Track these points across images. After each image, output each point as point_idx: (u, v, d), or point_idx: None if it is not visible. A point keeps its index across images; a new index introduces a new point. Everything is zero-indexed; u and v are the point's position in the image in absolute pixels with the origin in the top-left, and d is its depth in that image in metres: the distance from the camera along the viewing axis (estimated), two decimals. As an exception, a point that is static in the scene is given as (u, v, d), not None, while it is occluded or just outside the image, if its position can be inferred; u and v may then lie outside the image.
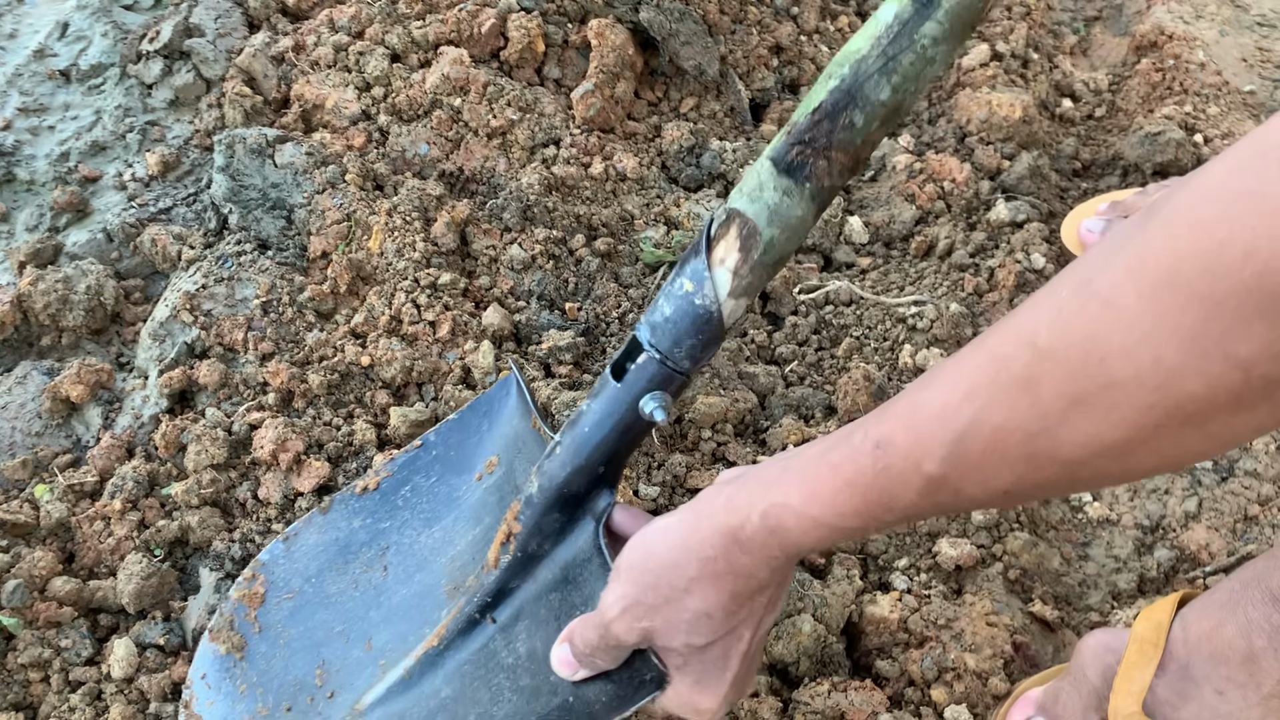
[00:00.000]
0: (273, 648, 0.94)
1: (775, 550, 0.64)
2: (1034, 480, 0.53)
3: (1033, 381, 0.49)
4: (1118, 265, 0.46)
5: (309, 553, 0.99)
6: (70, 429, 1.20)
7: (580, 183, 1.37)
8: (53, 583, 1.02)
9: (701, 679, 0.74)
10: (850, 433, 0.60)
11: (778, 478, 0.63)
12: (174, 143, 1.48)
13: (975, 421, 0.52)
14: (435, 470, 0.99)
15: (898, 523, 0.60)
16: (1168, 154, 1.39)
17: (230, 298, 1.24)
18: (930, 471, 0.55)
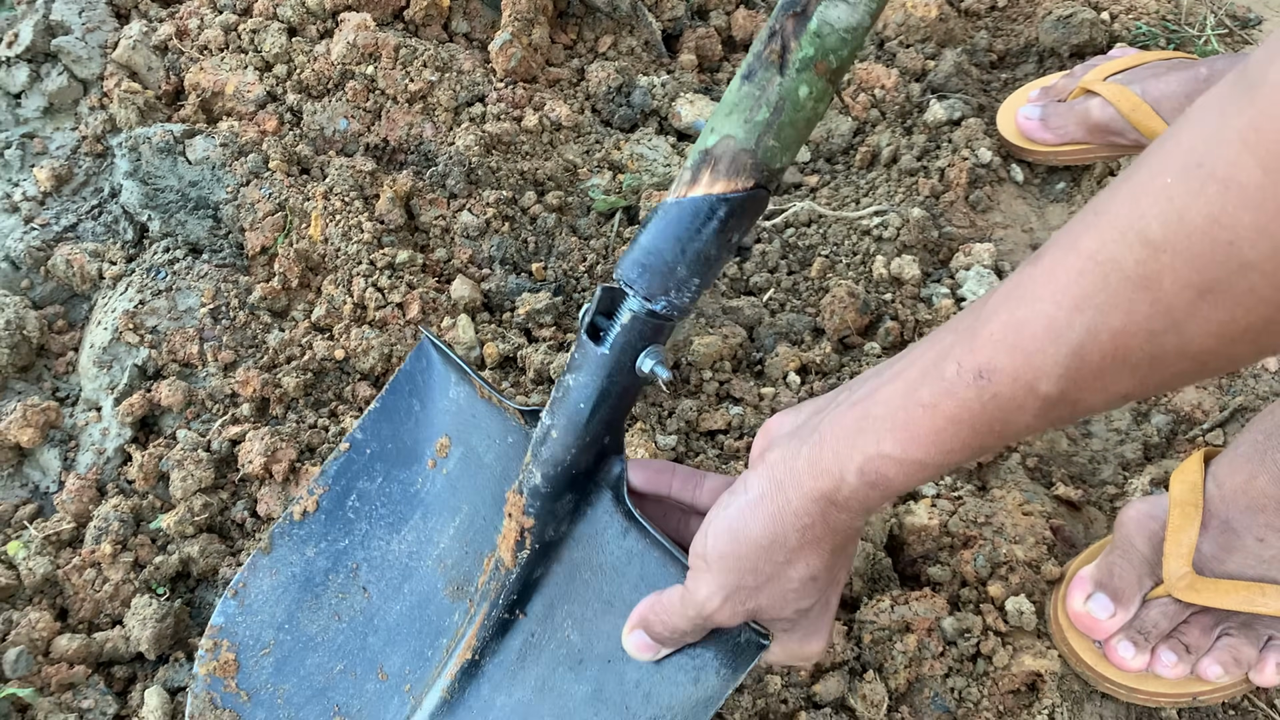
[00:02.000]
0: (271, 712, 0.86)
1: (875, 499, 0.62)
2: (1159, 379, 0.51)
3: (1151, 279, 0.47)
4: (1231, 139, 0.44)
5: (268, 599, 0.90)
6: (24, 477, 1.10)
7: (516, 138, 1.32)
8: (56, 643, 0.94)
9: (807, 633, 0.73)
10: (936, 364, 0.57)
11: (861, 427, 0.60)
12: (59, 154, 1.36)
13: (1091, 331, 0.50)
14: (378, 469, 0.90)
15: (1001, 445, 0.60)
16: (1082, 34, 1.42)
17: (174, 310, 1.15)
18: (1047, 391, 0.53)
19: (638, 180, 1.31)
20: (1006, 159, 1.35)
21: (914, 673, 0.93)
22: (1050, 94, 1.34)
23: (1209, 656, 0.89)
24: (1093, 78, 1.28)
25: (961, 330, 0.56)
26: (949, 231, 1.26)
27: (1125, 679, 0.91)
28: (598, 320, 0.72)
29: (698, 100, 1.42)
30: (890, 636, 0.93)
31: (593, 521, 0.80)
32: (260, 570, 0.90)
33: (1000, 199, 1.32)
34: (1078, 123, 1.28)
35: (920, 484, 0.62)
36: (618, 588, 0.79)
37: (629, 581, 0.78)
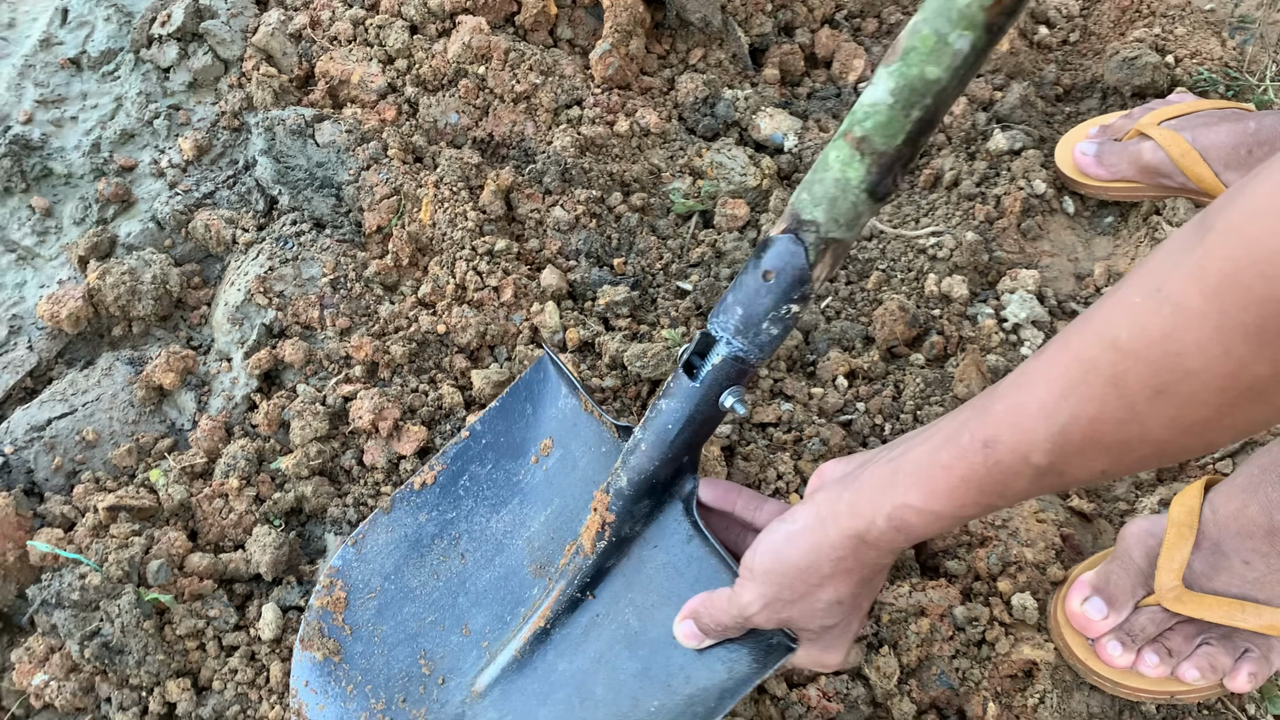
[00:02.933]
0: (369, 646, 1.01)
1: (900, 542, 0.75)
2: (1127, 460, 0.61)
3: (1119, 378, 0.58)
4: (1182, 272, 0.54)
5: (381, 552, 1.05)
6: (163, 414, 1.27)
7: (608, 141, 1.45)
8: (189, 559, 1.11)
9: (828, 645, 0.85)
10: (955, 433, 0.68)
11: (893, 480, 0.72)
12: (201, 126, 1.52)
13: (1074, 416, 0.60)
14: (489, 457, 1.06)
15: (1005, 505, 0.70)
16: (1145, 76, 1.51)
17: (299, 278, 1.31)
18: (1038, 463, 0.63)
19: (715, 187, 1.44)
20: (1060, 190, 1.45)
21: (924, 651, 1.05)
22: (1108, 132, 1.43)
23: (1188, 661, 1.01)
24: (1148, 121, 1.37)
25: (978, 407, 0.68)
26: (999, 256, 1.37)
27: (1111, 674, 1.02)
28: (693, 359, 0.86)
29: (777, 114, 1.53)
30: (906, 618, 1.06)
31: (663, 526, 0.94)
32: (378, 526, 1.07)
33: (1050, 228, 1.42)
34: (1130, 162, 1.38)
35: (937, 533, 0.73)
36: (676, 584, 0.92)
37: (686, 580, 0.92)
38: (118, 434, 1.23)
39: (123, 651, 1.04)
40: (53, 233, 1.44)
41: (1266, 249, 0.50)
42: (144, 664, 1.04)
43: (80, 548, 1.10)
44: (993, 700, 1.02)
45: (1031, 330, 1.30)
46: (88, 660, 1.03)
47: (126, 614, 1.04)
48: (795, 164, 1.50)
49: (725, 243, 1.38)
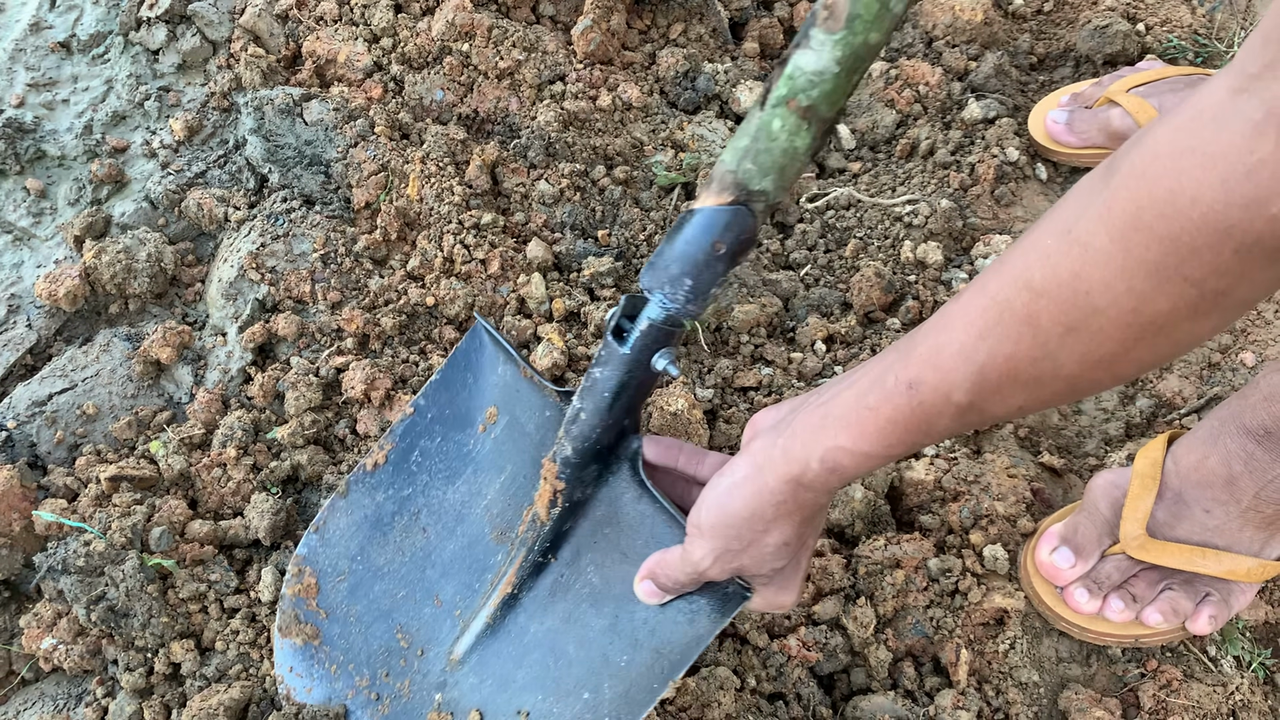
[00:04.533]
0: (346, 626, 1.05)
1: (835, 482, 0.78)
2: (1042, 396, 0.65)
3: (1032, 317, 0.61)
4: (1090, 215, 0.58)
5: (344, 535, 1.08)
6: (161, 388, 1.30)
7: (591, 116, 1.48)
8: (190, 526, 1.14)
9: (783, 584, 0.88)
10: (880, 376, 0.72)
11: (823, 424, 0.75)
12: (191, 107, 1.55)
13: (991, 355, 0.64)
14: (437, 431, 1.07)
15: (932, 441, 0.74)
16: (1116, 45, 1.54)
17: (290, 253, 1.34)
18: (959, 401, 0.67)
19: (697, 159, 1.47)
20: (1033, 158, 1.49)
21: (900, 602, 1.09)
22: (1079, 100, 1.47)
23: (1152, 606, 1.05)
24: (1117, 89, 1.41)
25: (900, 350, 0.71)
26: (973, 222, 1.41)
27: (1079, 620, 1.07)
28: (622, 323, 0.88)
29: (757, 87, 1.56)
30: (882, 570, 1.10)
31: (613, 487, 0.96)
32: (338, 511, 1.09)
33: (1023, 195, 1.46)
34: (1099, 129, 1.41)
35: (868, 471, 0.76)
36: (631, 542, 0.95)
37: (640, 538, 0.95)
38: (117, 408, 1.27)
39: (128, 615, 1.08)
40: (48, 214, 1.47)
41: (1165, 189, 0.53)
42: (148, 626, 1.08)
43: (84, 517, 1.13)
44: (965, 647, 1.07)
45: (1004, 294, 1.34)
46: (94, 624, 1.07)
47: (130, 579, 1.07)
48: (775, 136, 1.53)
49: (706, 213, 1.41)
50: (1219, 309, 0.56)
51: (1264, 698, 1.07)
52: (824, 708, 1.07)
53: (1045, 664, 1.08)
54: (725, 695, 1.04)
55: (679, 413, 1.17)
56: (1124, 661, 1.09)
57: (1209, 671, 1.08)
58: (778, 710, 1.06)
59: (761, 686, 1.08)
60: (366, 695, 1.03)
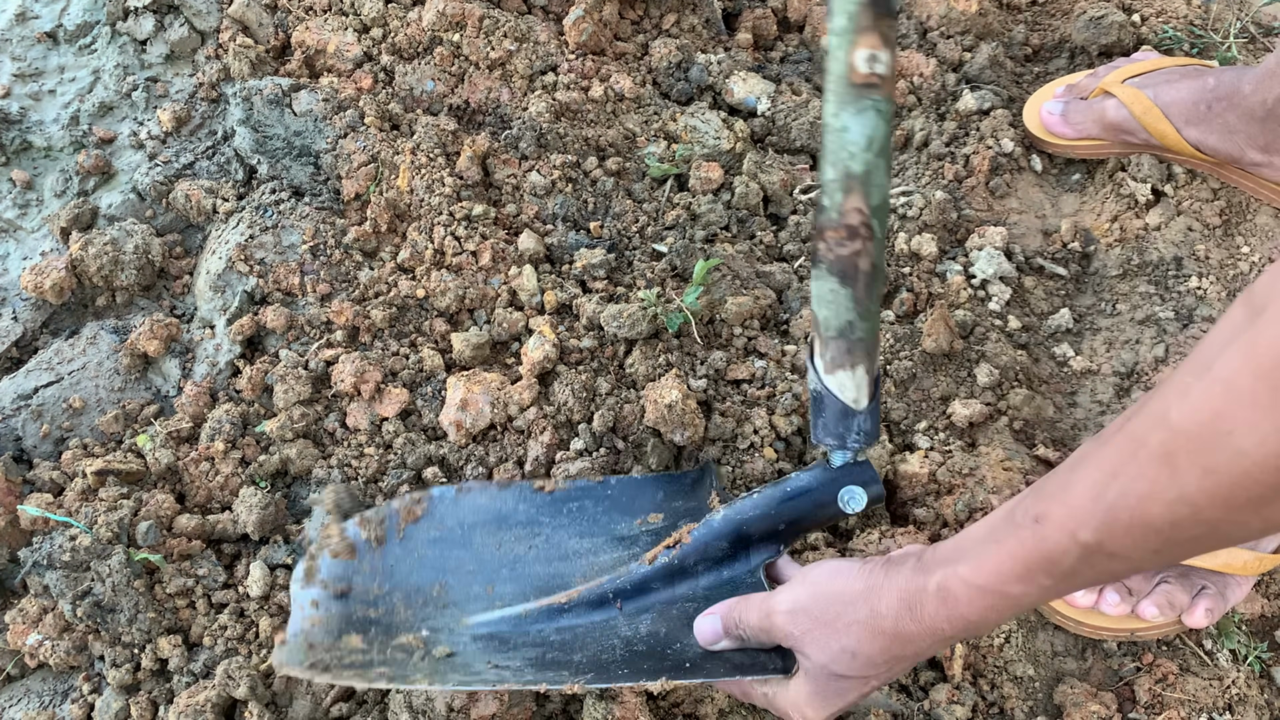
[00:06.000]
0: (406, 554, 1.06)
1: (943, 622, 0.74)
2: (1181, 540, 0.61)
3: (1169, 456, 0.58)
4: (1233, 352, 0.55)
5: (472, 508, 1.11)
6: (149, 381, 1.29)
7: (583, 106, 1.47)
8: (177, 521, 1.13)
9: (817, 694, 0.85)
10: (1011, 510, 0.70)
11: (951, 556, 0.74)
12: (179, 97, 1.53)
13: (1122, 494, 0.61)
14: (604, 505, 1.11)
15: (1059, 587, 0.69)
16: (1111, 35, 1.53)
17: (279, 245, 1.32)
18: (1085, 540, 0.64)
19: (689, 150, 1.46)
20: (1028, 149, 1.48)
21: (894, 596, 1.09)
22: (1073, 91, 1.46)
23: (1147, 599, 1.04)
24: (1112, 79, 1.40)
25: (1036, 486, 0.70)
26: (968, 214, 1.40)
27: (1074, 613, 1.06)
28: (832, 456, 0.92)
29: (750, 78, 1.55)
30: (876, 564, 1.09)
31: (719, 576, 0.97)
32: (486, 491, 1.12)
33: (1018, 186, 1.45)
34: (1094, 120, 1.40)
35: (981, 617, 0.72)
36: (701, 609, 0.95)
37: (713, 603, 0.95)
38: (104, 401, 1.25)
39: (114, 610, 1.06)
40: (34, 205, 1.46)
41: None
42: (135, 622, 1.07)
43: (70, 511, 1.12)
44: (960, 641, 1.06)
45: (999, 286, 1.33)
46: (80, 619, 1.06)
47: (117, 573, 1.06)
48: (768, 127, 1.52)
49: (700, 205, 1.40)
50: None
51: (1260, 691, 1.07)
52: (818, 702, 1.06)
53: (1040, 658, 1.08)
54: (717, 693, 1.03)
55: (673, 404, 1.16)
56: (1119, 655, 1.09)
57: (1205, 665, 1.07)
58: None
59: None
60: (372, 596, 1.03)
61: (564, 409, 1.19)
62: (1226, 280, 1.31)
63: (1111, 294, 1.34)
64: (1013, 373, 1.24)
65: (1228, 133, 1.30)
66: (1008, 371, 1.24)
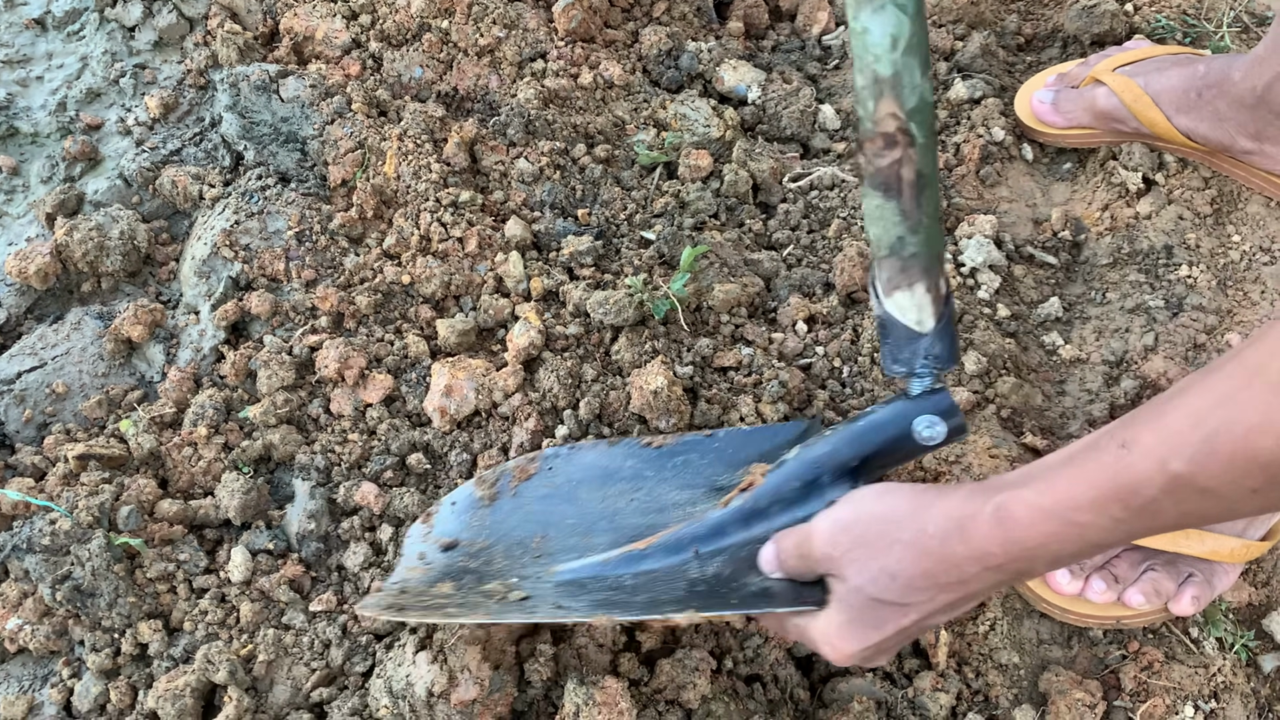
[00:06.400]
0: (515, 510, 1.09)
1: (995, 546, 0.67)
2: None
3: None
4: None
5: (582, 465, 1.12)
6: (133, 367, 1.28)
7: (572, 93, 1.46)
8: (159, 505, 1.13)
9: (852, 623, 0.78)
10: (1096, 438, 0.64)
11: (1017, 480, 0.68)
12: (167, 84, 1.53)
13: (1228, 422, 0.55)
14: (710, 457, 1.10)
15: (1134, 523, 0.62)
16: (1104, 24, 1.52)
17: (264, 231, 1.32)
18: (1176, 470, 0.58)
19: (679, 138, 1.45)
20: (1020, 138, 1.47)
21: (879, 583, 1.08)
22: (1065, 80, 1.45)
23: (1134, 587, 1.04)
24: (1103, 68, 1.39)
25: (1126, 416, 0.64)
26: (957, 202, 1.39)
27: (1060, 601, 1.05)
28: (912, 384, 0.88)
29: (741, 66, 1.54)
30: (861, 551, 1.08)
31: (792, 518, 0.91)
32: (596, 449, 1.14)
33: (1009, 175, 1.44)
34: (1085, 109, 1.40)
35: (1040, 543, 0.65)
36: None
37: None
38: (88, 386, 1.25)
39: (94, 594, 1.06)
40: (20, 191, 1.45)
41: None
42: (115, 606, 1.06)
43: (51, 496, 1.11)
44: (945, 629, 1.05)
45: (988, 274, 1.32)
46: (60, 604, 1.05)
47: (97, 558, 1.06)
48: (758, 115, 1.52)
49: (689, 193, 1.39)
50: None
51: (1246, 679, 1.06)
52: (801, 690, 1.06)
53: (1026, 646, 1.07)
54: (701, 677, 1.02)
55: (659, 390, 1.15)
56: (1105, 643, 1.08)
57: (1191, 653, 1.06)
58: (754, 692, 1.05)
59: (739, 668, 1.06)
60: (476, 548, 1.06)
61: (549, 395, 1.19)
62: (1217, 269, 1.30)
63: (1101, 283, 1.34)
64: (1001, 361, 1.23)
65: (1218, 120, 1.29)
66: (996, 359, 1.23)
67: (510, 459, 1.16)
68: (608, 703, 0.97)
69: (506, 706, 1.00)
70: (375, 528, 1.14)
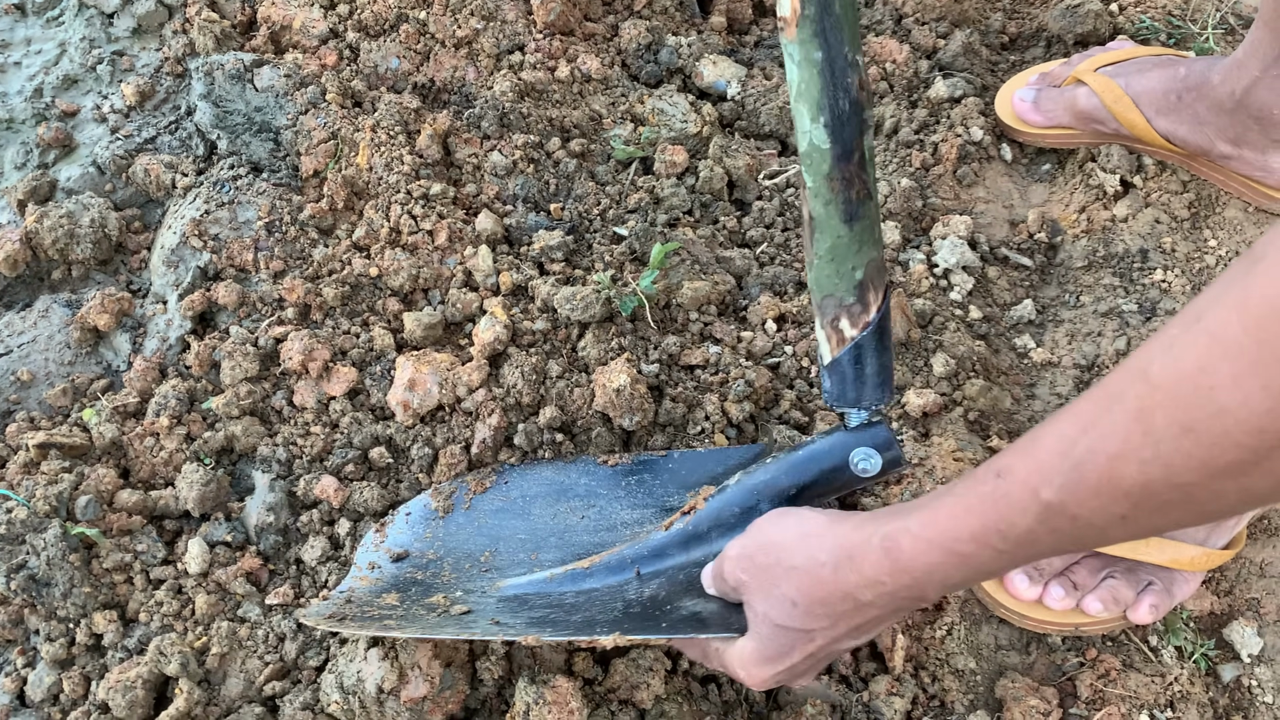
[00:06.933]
0: (468, 523, 1.10)
1: (884, 575, 0.69)
2: (1150, 507, 0.56)
3: (1145, 412, 0.53)
4: (1225, 303, 0.50)
5: (537, 481, 1.13)
6: (100, 356, 1.28)
7: (549, 87, 1.45)
8: (118, 495, 1.12)
9: (762, 649, 0.81)
10: (975, 469, 0.66)
11: (903, 510, 0.70)
12: (145, 72, 1.52)
13: (1091, 451, 0.56)
14: (663, 477, 1.11)
15: (1015, 553, 0.64)
16: (1087, 24, 1.51)
17: (234, 221, 1.31)
18: (1048, 499, 0.59)
19: (656, 133, 1.44)
20: (999, 138, 1.46)
21: (838, 586, 1.07)
22: (1047, 79, 1.44)
23: (1092, 594, 1.03)
24: (1084, 68, 1.38)
25: (1008, 447, 0.66)
26: (933, 202, 1.38)
27: (1018, 606, 1.05)
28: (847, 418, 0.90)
29: (721, 61, 1.53)
30: (821, 553, 1.08)
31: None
32: (554, 465, 1.15)
33: (986, 175, 1.43)
34: (1065, 109, 1.38)
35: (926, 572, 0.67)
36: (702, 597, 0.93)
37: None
38: (53, 374, 1.25)
39: (49, 584, 1.06)
40: (-6, 177, 1.44)
41: None
42: (70, 596, 1.06)
43: (11, 484, 1.11)
44: (902, 633, 1.05)
45: (961, 275, 1.31)
46: (15, 592, 1.05)
47: (52, 547, 1.05)
48: (738, 111, 1.51)
49: (663, 189, 1.38)
50: None
51: (1204, 689, 1.05)
52: (757, 692, 1.05)
53: (983, 651, 1.06)
54: (655, 677, 1.02)
55: (621, 389, 1.14)
56: (1064, 650, 1.07)
57: (1149, 661, 1.05)
58: (709, 693, 1.04)
59: (694, 669, 1.06)
60: (425, 560, 1.07)
61: (513, 391, 1.18)
62: (1192, 274, 1.29)
63: (1076, 285, 1.32)
64: (970, 363, 1.22)
65: (1197, 124, 1.28)
66: (965, 361, 1.22)
67: (472, 453, 1.15)
68: (558, 702, 0.97)
69: (458, 704, 1.00)
70: (334, 521, 1.14)
